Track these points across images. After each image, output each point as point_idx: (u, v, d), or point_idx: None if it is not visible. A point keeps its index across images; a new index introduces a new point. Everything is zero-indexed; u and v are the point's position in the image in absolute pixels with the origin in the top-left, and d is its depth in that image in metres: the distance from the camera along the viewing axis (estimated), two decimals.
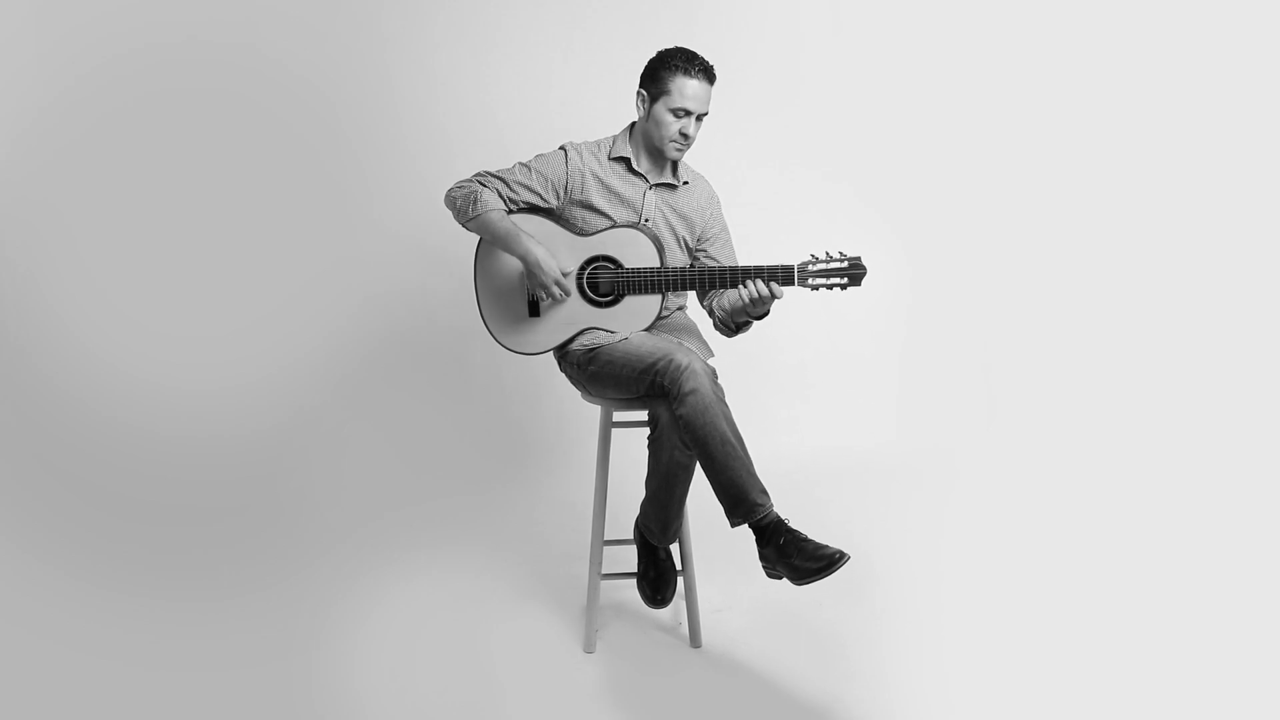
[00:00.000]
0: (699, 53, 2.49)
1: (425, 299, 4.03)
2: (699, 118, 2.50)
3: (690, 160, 2.74)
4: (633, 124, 2.61)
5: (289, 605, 2.85)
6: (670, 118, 2.48)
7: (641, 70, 2.53)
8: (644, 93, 2.52)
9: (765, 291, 2.37)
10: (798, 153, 4.20)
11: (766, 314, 2.49)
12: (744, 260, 2.78)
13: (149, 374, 3.82)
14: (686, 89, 2.44)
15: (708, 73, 2.47)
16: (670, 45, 2.53)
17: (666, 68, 2.46)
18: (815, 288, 2.39)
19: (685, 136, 2.50)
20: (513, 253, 2.47)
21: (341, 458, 3.83)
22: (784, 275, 2.38)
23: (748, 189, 3.92)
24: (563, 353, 2.60)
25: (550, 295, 2.47)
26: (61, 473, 3.53)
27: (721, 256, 2.68)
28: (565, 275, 2.50)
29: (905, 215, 4.28)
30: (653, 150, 2.56)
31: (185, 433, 3.75)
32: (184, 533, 3.30)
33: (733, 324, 2.58)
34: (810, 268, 2.38)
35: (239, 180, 3.91)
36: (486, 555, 3.21)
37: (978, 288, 4.32)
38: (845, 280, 2.38)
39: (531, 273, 2.46)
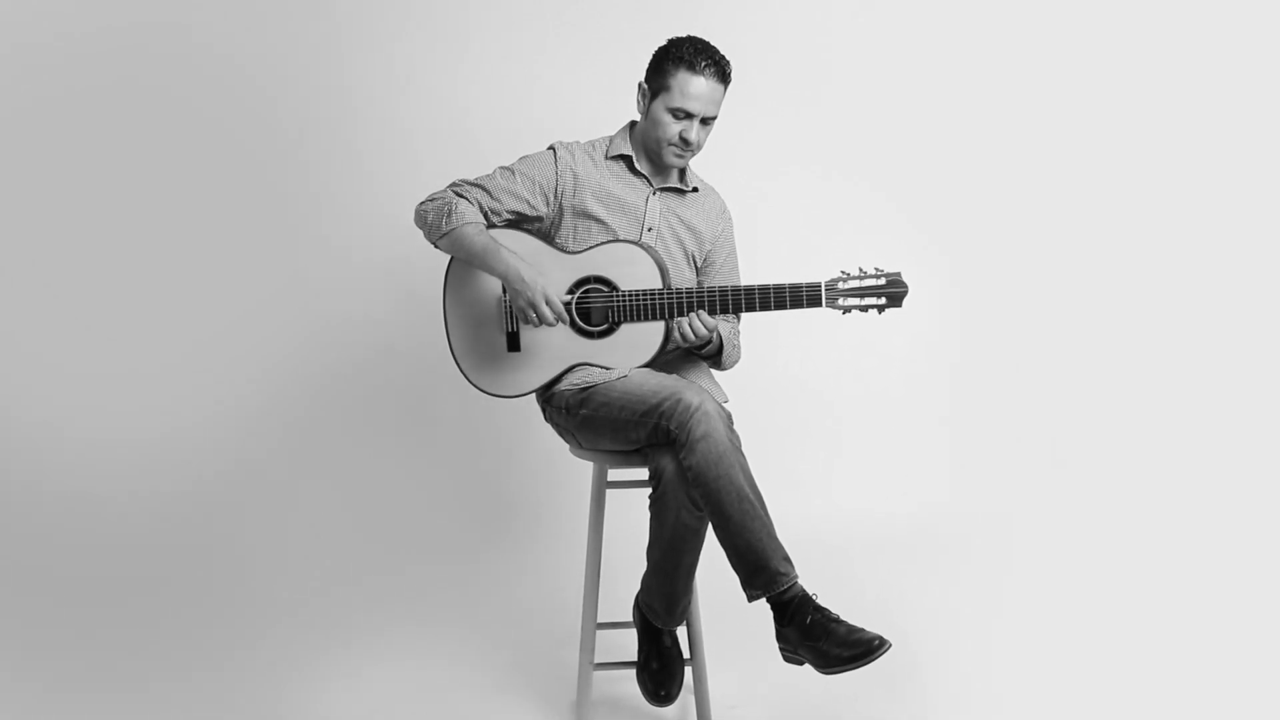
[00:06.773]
0: (716, 47, 2.51)
1: (385, 332, 4.01)
2: (705, 121, 2.51)
3: (697, 167, 2.74)
4: (633, 123, 2.66)
5: (222, 697, 2.81)
6: (669, 118, 2.50)
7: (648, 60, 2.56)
8: (644, 86, 2.57)
9: (688, 333, 2.43)
10: (823, 157, 4.20)
11: (705, 349, 2.51)
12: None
13: (52, 420, 3.80)
14: (690, 86, 2.46)
15: (720, 71, 2.48)
16: (679, 32, 2.55)
17: (671, 59, 2.49)
18: (847, 309, 2.41)
19: (686, 142, 2.52)
20: (492, 271, 2.45)
21: (286, 521, 3.81)
22: (810, 295, 2.40)
23: (762, 200, 3.91)
24: (548, 395, 2.59)
25: (539, 316, 2.43)
26: None
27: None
28: None
29: (953, 231, 4.26)
30: (652, 154, 2.58)
31: (96, 491, 3.73)
32: (96, 612, 3.26)
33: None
34: (841, 285, 2.41)
35: (162, 190, 3.90)
36: (457, 639, 3.18)
37: (1042, 317, 4.28)
38: (883, 300, 2.41)
39: (515, 290, 2.42)
